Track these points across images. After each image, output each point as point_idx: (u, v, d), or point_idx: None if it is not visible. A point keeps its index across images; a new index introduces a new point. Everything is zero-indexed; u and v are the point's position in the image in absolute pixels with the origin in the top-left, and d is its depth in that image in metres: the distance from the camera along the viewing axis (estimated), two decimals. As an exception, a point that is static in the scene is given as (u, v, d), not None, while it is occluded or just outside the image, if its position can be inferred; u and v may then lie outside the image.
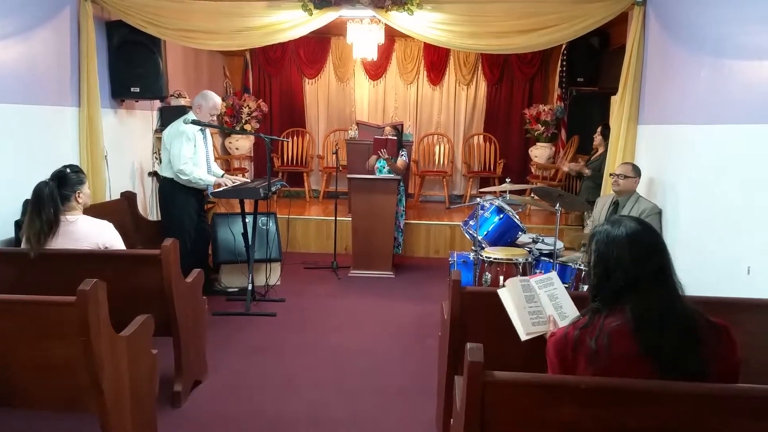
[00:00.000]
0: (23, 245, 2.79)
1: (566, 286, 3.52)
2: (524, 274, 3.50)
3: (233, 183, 4.53)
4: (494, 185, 7.60)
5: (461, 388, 1.53)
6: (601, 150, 5.61)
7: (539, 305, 1.97)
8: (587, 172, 5.60)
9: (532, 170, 7.67)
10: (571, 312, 1.94)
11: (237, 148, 7.76)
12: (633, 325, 1.55)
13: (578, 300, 1.97)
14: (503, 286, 2.11)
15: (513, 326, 2.01)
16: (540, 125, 7.42)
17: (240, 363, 3.55)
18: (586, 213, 5.09)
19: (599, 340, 1.55)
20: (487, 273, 3.57)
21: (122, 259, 2.87)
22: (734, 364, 1.57)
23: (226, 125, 7.50)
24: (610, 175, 3.90)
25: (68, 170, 2.86)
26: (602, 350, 1.54)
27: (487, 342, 2.30)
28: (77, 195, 2.92)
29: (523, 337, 1.92)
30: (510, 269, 3.52)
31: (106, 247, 2.94)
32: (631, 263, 1.59)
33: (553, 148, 7.58)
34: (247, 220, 4.77)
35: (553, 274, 2.08)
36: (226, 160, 7.70)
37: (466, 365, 1.43)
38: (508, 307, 2.00)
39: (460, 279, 2.27)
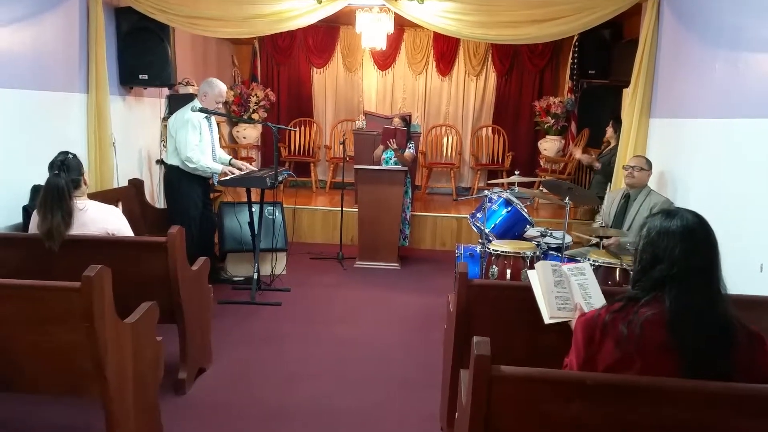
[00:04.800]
0: (45, 242, 2.70)
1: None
2: (531, 267, 3.46)
3: (241, 171, 4.52)
4: (502, 178, 7.56)
5: (467, 383, 1.51)
6: (612, 143, 5.56)
7: (567, 291, 1.94)
8: (597, 165, 5.55)
9: (541, 163, 7.61)
10: (599, 303, 1.90)
11: (245, 137, 7.74)
12: (670, 317, 1.51)
13: (608, 295, 1.94)
14: (532, 268, 2.08)
15: (519, 320, 1.99)
16: (550, 118, 7.35)
17: (244, 352, 3.54)
18: (595, 207, 5.04)
19: (632, 326, 1.52)
20: (494, 266, 3.54)
21: (128, 246, 2.87)
22: (764, 375, 1.53)
23: (234, 114, 7.47)
24: (624, 167, 3.84)
25: (70, 155, 2.85)
26: (633, 337, 1.51)
27: (494, 336, 2.27)
28: (85, 177, 2.94)
29: (547, 320, 1.89)
30: (518, 263, 3.49)
31: (114, 233, 2.94)
32: (681, 256, 1.55)
33: (563, 141, 7.51)
34: (253, 209, 4.76)
35: (587, 265, 2.05)
36: (233, 149, 7.68)
37: (473, 359, 1.41)
38: (535, 288, 1.97)
39: (467, 272, 2.24)
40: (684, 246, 1.55)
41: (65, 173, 2.79)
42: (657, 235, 1.60)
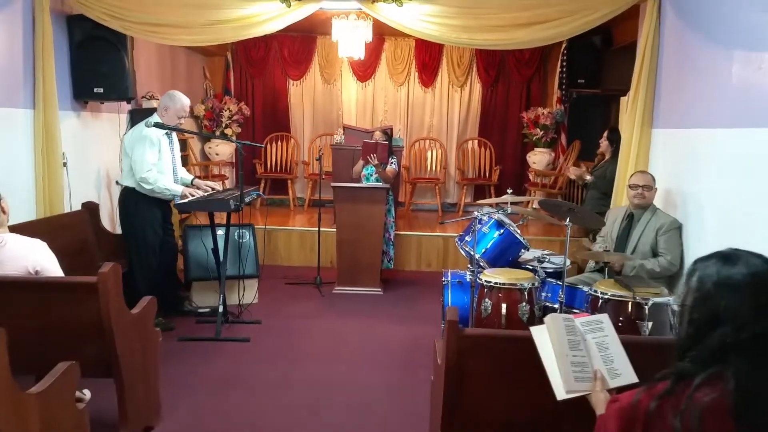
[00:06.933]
0: None
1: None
2: (530, 301, 3.04)
3: (205, 192, 4.08)
4: (489, 193, 7.19)
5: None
6: (607, 156, 5.20)
7: (585, 355, 1.50)
8: (588, 178, 5.18)
9: (530, 177, 7.25)
10: (624, 369, 1.47)
11: (217, 154, 7.30)
12: (736, 401, 1.12)
13: (628, 348, 1.52)
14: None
15: (521, 378, 1.56)
16: (539, 129, 7.01)
17: (203, 400, 3.08)
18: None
19: (686, 417, 1.12)
20: (486, 299, 3.10)
21: (53, 288, 2.40)
22: None
23: (206, 129, 7.04)
24: (631, 186, 3.46)
25: None
26: None
27: (491, 395, 1.86)
28: (3, 205, 2.53)
29: (562, 395, 1.44)
30: (514, 295, 3.06)
31: (37, 271, 2.49)
32: (750, 315, 1.17)
33: (553, 154, 7.17)
34: (220, 233, 4.32)
35: (605, 317, 1.60)
36: (205, 166, 7.23)
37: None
38: (544, 352, 1.52)
39: (457, 318, 1.82)
40: (755, 302, 1.16)
41: None
42: (714, 287, 1.20)
